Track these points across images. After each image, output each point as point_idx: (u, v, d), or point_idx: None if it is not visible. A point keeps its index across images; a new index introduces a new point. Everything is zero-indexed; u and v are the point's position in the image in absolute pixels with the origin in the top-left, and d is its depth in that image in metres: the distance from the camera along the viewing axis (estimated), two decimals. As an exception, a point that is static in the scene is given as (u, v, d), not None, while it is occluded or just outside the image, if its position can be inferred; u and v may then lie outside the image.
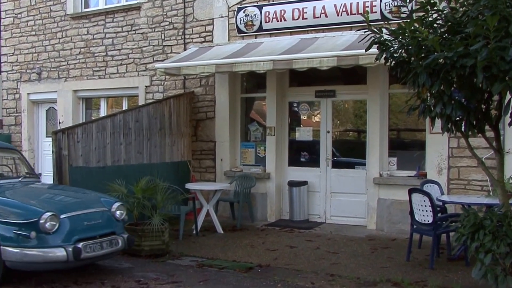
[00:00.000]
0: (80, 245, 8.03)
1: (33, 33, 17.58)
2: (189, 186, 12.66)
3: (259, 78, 13.76)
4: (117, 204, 9.07)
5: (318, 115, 13.61)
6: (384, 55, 6.93)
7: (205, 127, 14.42)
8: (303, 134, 13.83)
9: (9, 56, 18.17)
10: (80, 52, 16.53)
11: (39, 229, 7.78)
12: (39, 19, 17.42)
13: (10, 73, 18.17)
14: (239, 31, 13.75)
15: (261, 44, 12.95)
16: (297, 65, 11.33)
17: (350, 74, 12.67)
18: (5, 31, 18.23)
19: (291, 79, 13.79)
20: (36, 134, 17.89)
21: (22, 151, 17.53)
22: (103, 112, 16.33)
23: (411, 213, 9.48)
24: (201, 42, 14.33)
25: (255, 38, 13.53)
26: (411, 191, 9.45)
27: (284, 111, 13.82)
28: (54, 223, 7.91)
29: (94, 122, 11.86)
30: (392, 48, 6.83)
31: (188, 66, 12.65)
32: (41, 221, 7.78)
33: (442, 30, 6.55)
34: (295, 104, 13.92)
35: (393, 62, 6.97)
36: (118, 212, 8.98)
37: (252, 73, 12.72)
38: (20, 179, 9.95)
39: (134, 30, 15.52)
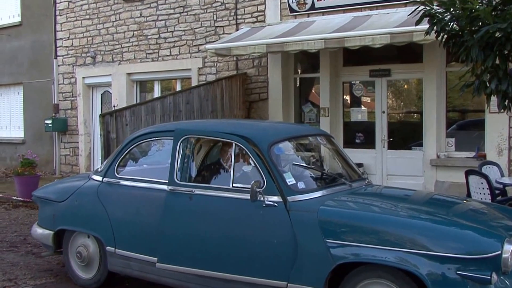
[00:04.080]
0: None
1: (87, 17, 17.64)
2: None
3: (313, 58, 13.50)
4: None
5: (373, 95, 13.24)
6: (434, 29, 6.57)
7: (258, 109, 14.24)
8: (358, 114, 13.51)
9: (65, 40, 18.29)
10: (133, 35, 16.52)
11: (500, 268, 4.83)
12: (93, 3, 17.46)
13: (65, 58, 18.29)
14: (291, 10, 13.47)
15: (313, 23, 12.67)
16: (349, 43, 11.04)
17: (406, 52, 12.35)
18: (60, 15, 18.35)
19: (345, 58, 13.46)
20: (92, 117, 17.95)
21: (78, 135, 17.69)
22: (157, 95, 16.27)
23: (469, 195, 9.13)
24: (253, 22, 14.11)
25: (308, 17, 13.24)
26: (467, 173, 9.11)
27: (338, 91, 13.50)
28: None
29: (143, 105, 11.78)
30: (443, 21, 6.46)
31: (238, 46, 12.48)
32: (504, 255, 4.80)
33: (496, 0, 6.16)
34: (349, 84, 13.61)
35: (445, 35, 6.60)
36: None
37: (306, 53, 12.48)
38: (365, 181, 6.93)
39: (186, 12, 15.38)
